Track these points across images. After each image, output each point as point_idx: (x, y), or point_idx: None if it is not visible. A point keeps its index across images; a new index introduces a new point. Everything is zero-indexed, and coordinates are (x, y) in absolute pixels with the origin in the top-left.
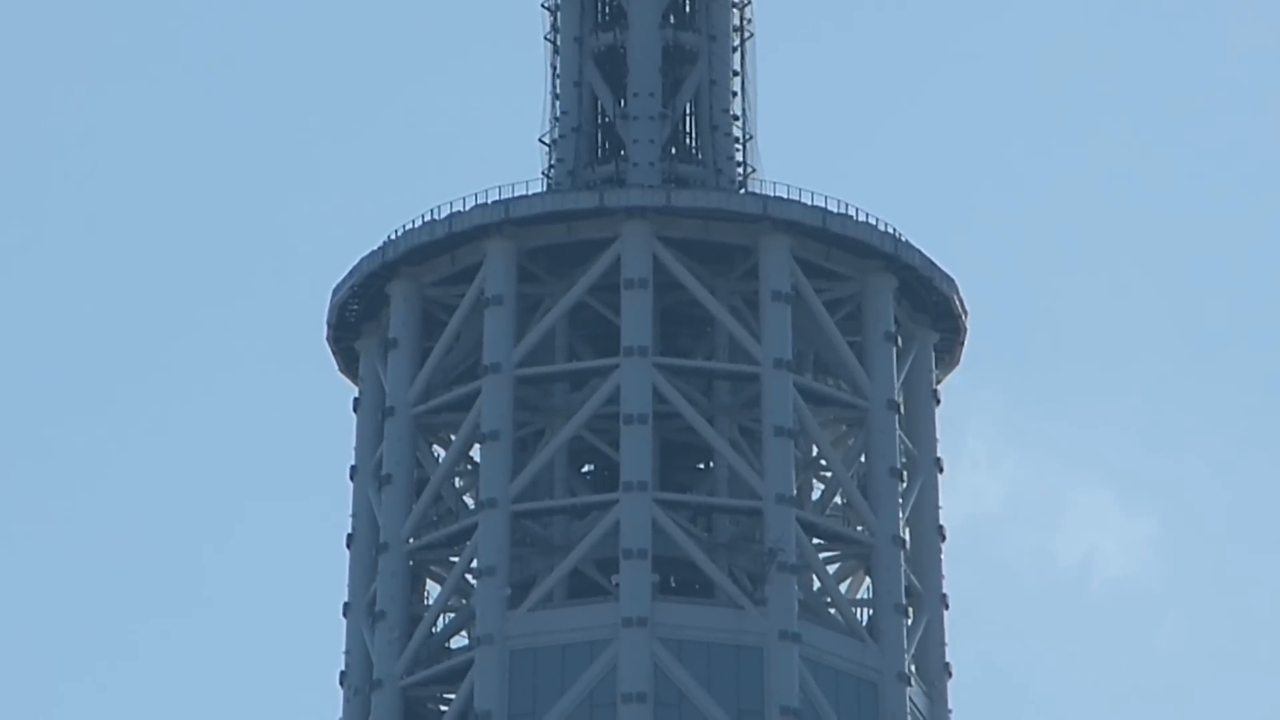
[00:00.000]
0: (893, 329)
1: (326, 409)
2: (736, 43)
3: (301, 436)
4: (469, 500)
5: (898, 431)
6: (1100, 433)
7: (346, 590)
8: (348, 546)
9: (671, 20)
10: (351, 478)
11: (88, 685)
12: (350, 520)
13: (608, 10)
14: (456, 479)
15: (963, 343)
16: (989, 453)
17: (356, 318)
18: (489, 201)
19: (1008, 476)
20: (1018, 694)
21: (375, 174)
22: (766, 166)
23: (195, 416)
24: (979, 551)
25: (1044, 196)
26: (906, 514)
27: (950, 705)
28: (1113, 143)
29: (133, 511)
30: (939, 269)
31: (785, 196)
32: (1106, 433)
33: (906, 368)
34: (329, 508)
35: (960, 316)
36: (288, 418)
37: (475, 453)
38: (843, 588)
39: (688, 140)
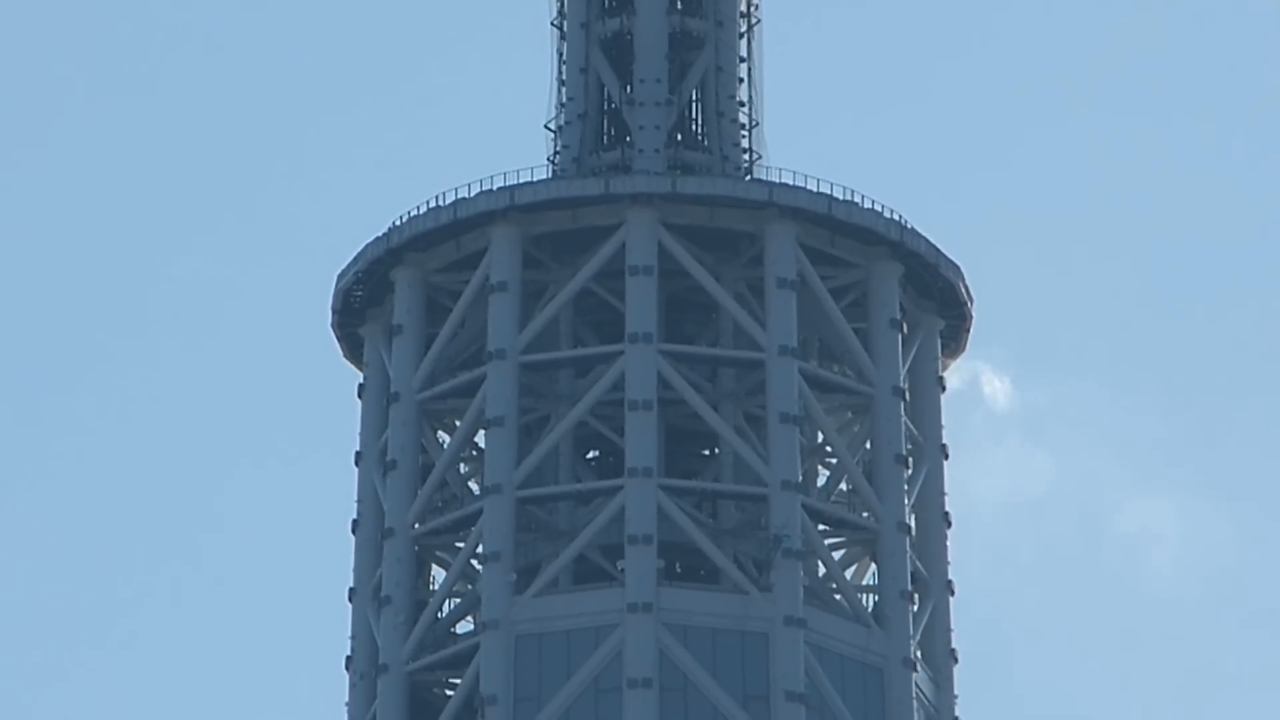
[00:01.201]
0: (898, 316)
1: (331, 395)
2: (743, 29)
3: (307, 422)
4: (474, 486)
5: (903, 418)
6: (1106, 418)
7: (352, 575)
8: (353, 532)
9: (678, 6)
10: (357, 463)
11: (93, 672)
12: (356, 506)
13: None
14: (461, 465)
15: (968, 330)
16: (994, 439)
17: (361, 304)
18: (494, 188)
19: (1013, 462)
20: (1024, 680)
21: (380, 160)
22: (772, 153)
23: (201, 402)
24: (985, 537)
25: (1049, 184)
26: (912, 500)
27: (956, 691)
28: (1118, 130)
29: (138, 498)
30: (944, 256)
31: (791, 183)
32: (1112, 418)
33: (912, 354)
34: (334, 493)
35: (966, 303)
36: (293, 404)
37: (480, 439)
38: (848, 574)
39: (694, 127)
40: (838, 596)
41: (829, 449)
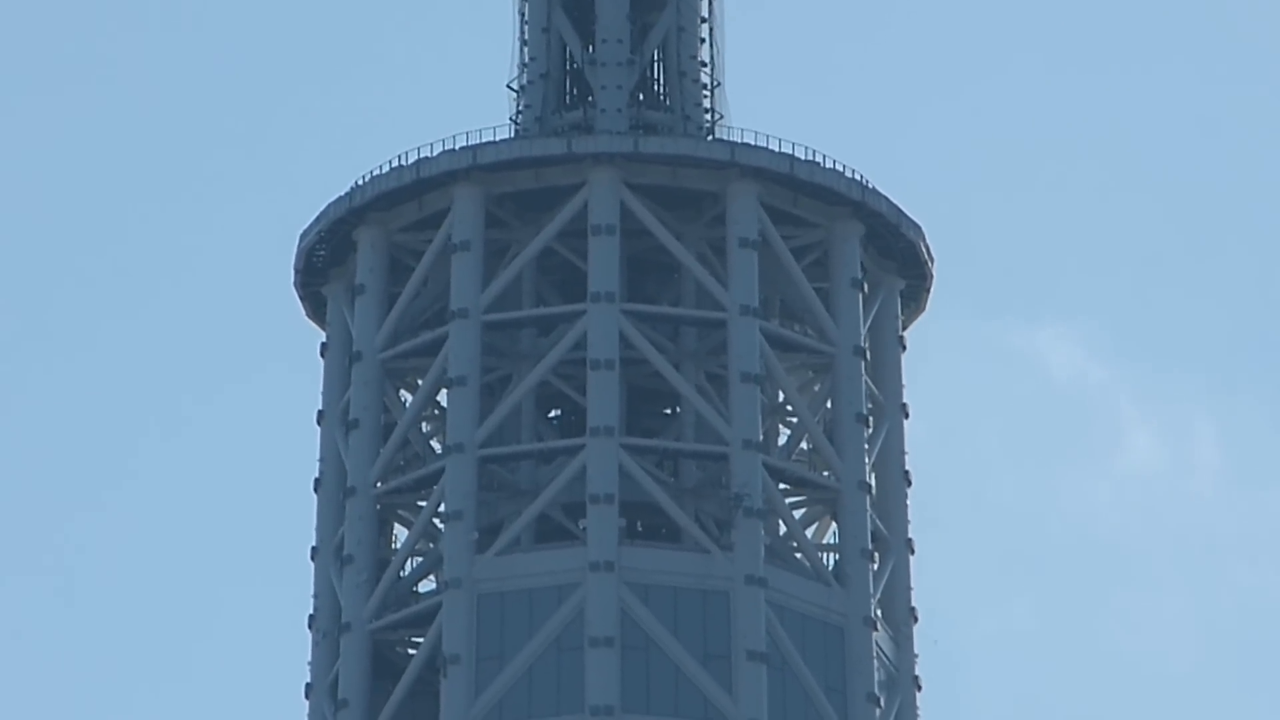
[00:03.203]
0: (859, 275)
1: (294, 354)
2: None
3: (269, 381)
4: (436, 445)
5: (864, 377)
6: (1064, 378)
7: (315, 534)
8: (315, 491)
9: None
10: (319, 422)
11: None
12: (318, 465)
13: None
14: (424, 424)
15: (929, 289)
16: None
17: (324, 263)
18: (457, 148)
19: (973, 420)
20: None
21: (343, 120)
22: (734, 113)
23: (164, 361)
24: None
25: (1011, 144)
26: (872, 459)
27: (916, 650)
28: (1081, 89)
29: (101, 456)
30: (906, 216)
31: (753, 143)
32: (1070, 378)
33: (873, 314)
34: (297, 452)
35: (927, 263)
36: (255, 362)
37: (442, 398)
38: (809, 533)
39: (656, 87)
40: (799, 555)
41: (790, 408)
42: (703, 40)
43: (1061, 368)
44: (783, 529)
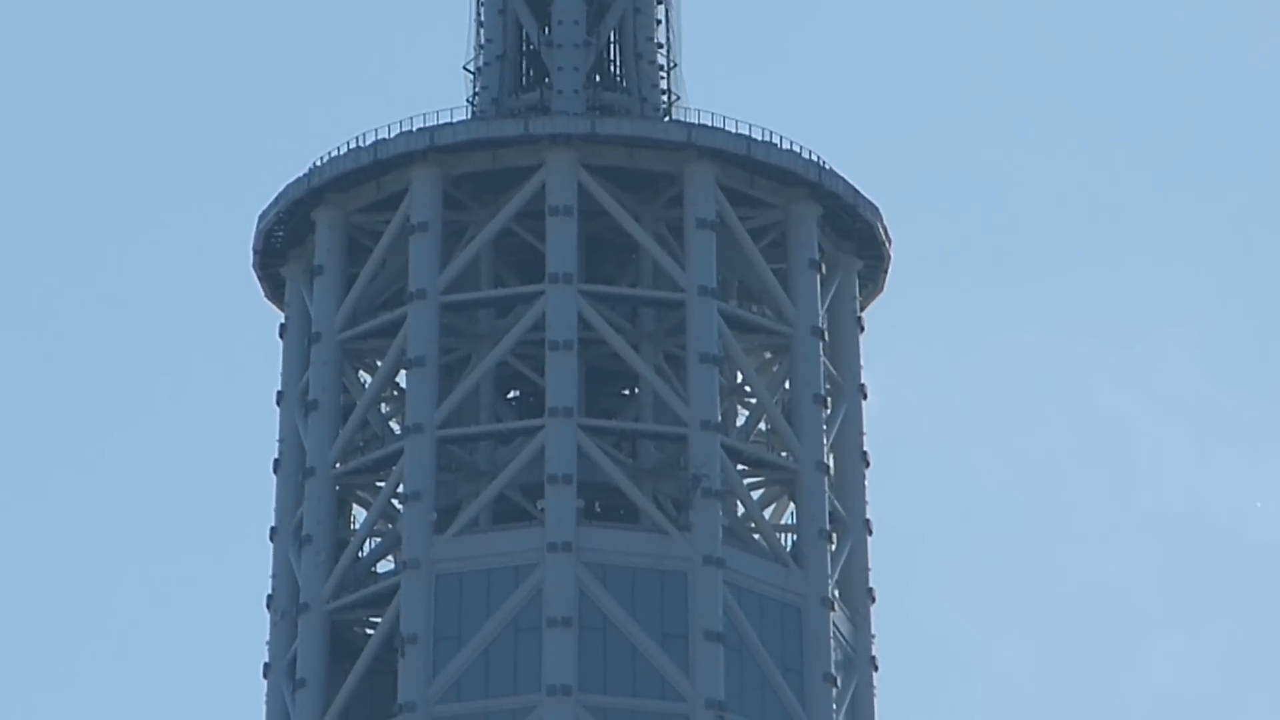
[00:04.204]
0: (817, 256)
1: (253, 335)
2: None
3: (228, 362)
4: (395, 426)
5: (822, 358)
6: (1021, 357)
7: (274, 515)
8: (275, 472)
9: None
10: (278, 403)
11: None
12: (277, 445)
13: None
14: (382, 404)
15: (886, 270)
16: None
17: (282, 244)
18: (414, 129)
19: (931, 402)
20: (941, 620)
21: (301, 101)
22: (691, 94)
23: (122, 342)
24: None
25: (969, 125)
26: (830, 440)
27: (873, 630)
28: (1037, 68)
29: (61, 436)
30: (863, 197)
31: (710, 124)
32: (1027, 358)
33: (830, 295)
34: (256, 433)
35: (884, 244)
36: (214, 344)
37: (401, 378)
38: (767, 513)
39: (612, 68)
40: (756, 536)
41: (748, 389)
42: (659, 22)
43: (1021, 346)
44: (741, 510)
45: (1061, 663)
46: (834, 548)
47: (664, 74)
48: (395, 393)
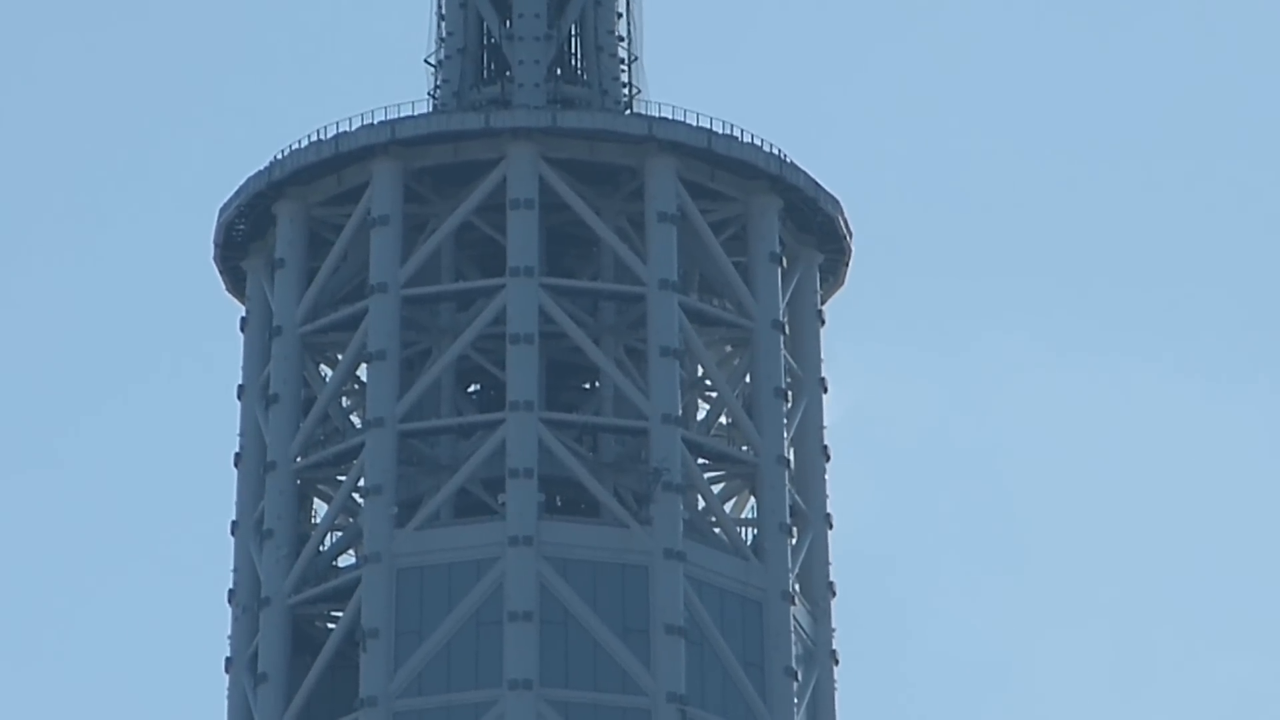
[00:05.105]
0: (778, 250)
1: (214, 328)
2: None
3: (189, 356)
4: (356, 419)
5: (783, 352)
6: (982, 351)
7: (235, 509)
8: (235, 465)
9: None
10: (239, 397)
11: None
12: (238, 439)
13: None
14: (344, 398)
15: (847, 263)
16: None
17: (243, 237)
18: (375, 122)
19: (891, 396)
20: (901, 613)
21: (262, 94)
22: (652, 88)
23: (83, 335)
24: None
25: (930, 118)
26: (791, 434)
27: (834, 624)
28: (999, 62)
29: (23, 430)
30: (824, 190)
31: (670, 118)
32: (988, 351)
33: (791, 288)
34: (216, 427)
35: (845, 237)
36: (175, 337)
37: (362, 372)
38: (728, 507)
39: (573, 61)
40: (717, 530)
41: (709, 382)
42: (620, 15)
43: (983, 340)
44: (701, 504)
45: (1027, 654)
46: (794, 541)
47: (625, 67)
48: (356, 386)
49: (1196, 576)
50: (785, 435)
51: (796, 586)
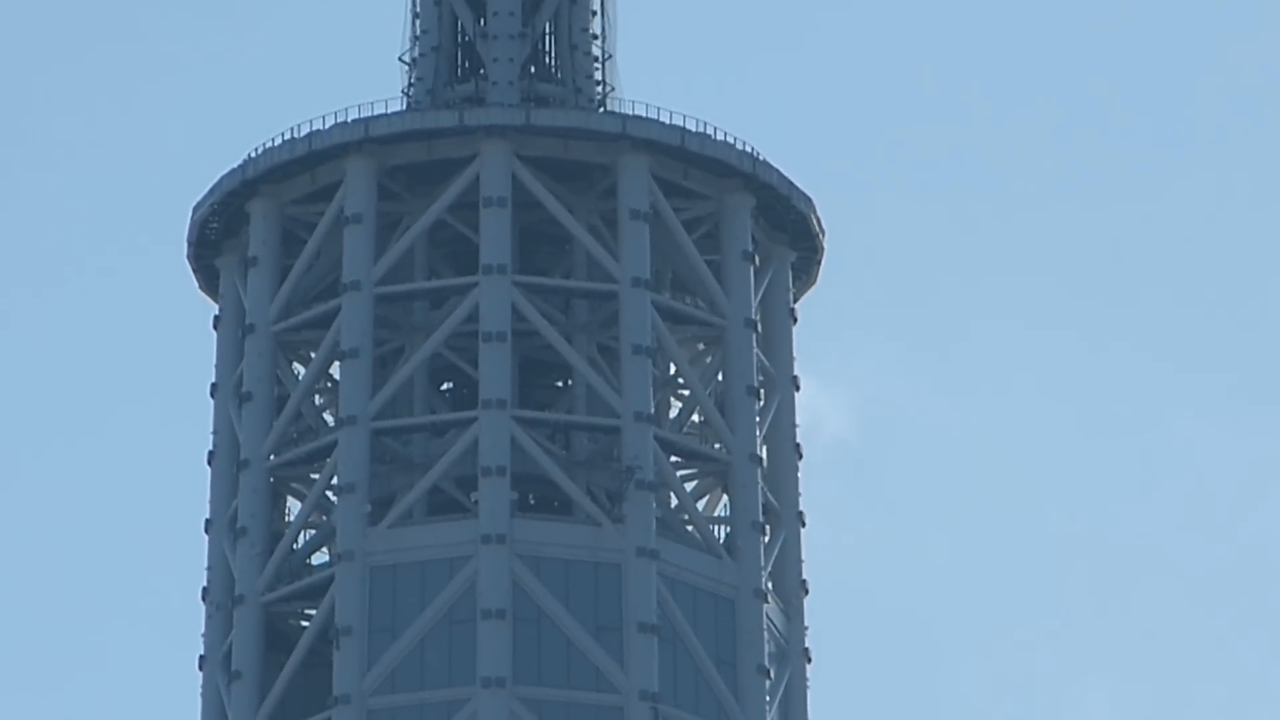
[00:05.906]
0: (750, 248)
1: (187, 326)
2: None
3: (162, 354)
4: (329, 418)
5: (755, 350)
6: (955, 350)
7: (208, 507)
8: (209, 463)
9: None
10: (212, 395)
11: None
12: (211, 437)
13: None
14: (317, 396)
15: (820, 262)
16: (846, 370)
17: (217, 235)
18: (349, 120)
19: (863, 394)
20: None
21: (235, 92)
22: (626, 86)
23: (57, 334)
24: (836, 468)
25: (902, 116)
26: (764, 432)
27: (807, 622)
28: (973, 60)
29: None
30: (796, 188)
31: (644, 116)
32: (962, 348)
33: (764, 286)
34: (190, 425)
35: (818, 235)
36: (148, 335)
37: (335, 370)
38: (700, 505)
39: (547, 59)
40: (690, 528)
41: (681, 380)
42: (594, 13)
43: (958, 337)
44: (674, 501)
45: (1010, 651)
46: (767, 539)
47: (599, 65)
48: (329, 384)
49: (1182, 567)
50: (758, 433)
51: (769, 584)
